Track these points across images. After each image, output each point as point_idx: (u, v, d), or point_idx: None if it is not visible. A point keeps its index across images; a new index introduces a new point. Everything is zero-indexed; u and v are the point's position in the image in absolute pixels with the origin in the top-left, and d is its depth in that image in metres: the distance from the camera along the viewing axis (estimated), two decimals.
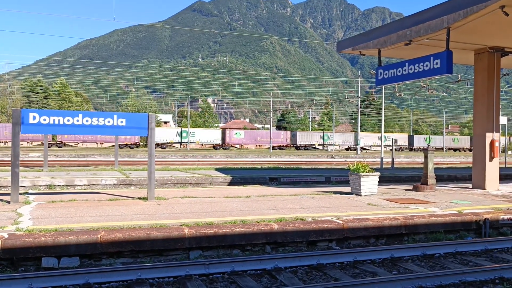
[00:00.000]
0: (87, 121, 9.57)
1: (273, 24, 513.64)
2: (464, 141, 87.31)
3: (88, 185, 14.94)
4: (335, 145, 75.23)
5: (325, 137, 76.31)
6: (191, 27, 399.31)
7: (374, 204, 10.36)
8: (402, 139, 79.44)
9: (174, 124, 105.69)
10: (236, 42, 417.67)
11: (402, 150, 74.67)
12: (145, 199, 10.35)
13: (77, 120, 9.50)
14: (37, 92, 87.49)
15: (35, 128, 9.36)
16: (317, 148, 75.11)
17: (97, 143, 65.98)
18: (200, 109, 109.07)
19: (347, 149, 76.75)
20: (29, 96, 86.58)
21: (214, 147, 70.95)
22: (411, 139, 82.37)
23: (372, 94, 75.61)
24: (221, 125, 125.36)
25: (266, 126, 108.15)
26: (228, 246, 7.18)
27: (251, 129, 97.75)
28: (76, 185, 14.82)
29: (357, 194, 11.91)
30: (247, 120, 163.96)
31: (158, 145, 64.77)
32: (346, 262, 6.58)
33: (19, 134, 9.14)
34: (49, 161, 22.10)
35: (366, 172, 11.87)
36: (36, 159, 29.94)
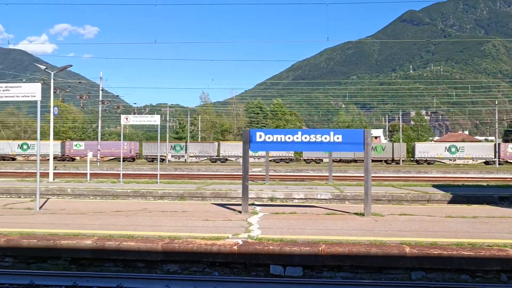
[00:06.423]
0: (305, 138, 10.13)
1: (496, 25, 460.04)
2: None
3: (305, 198, 15.71)
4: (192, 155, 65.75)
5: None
6: (401, 39, 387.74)
7: None
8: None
9: (385, 139, 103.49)
10: (451, 49, 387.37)
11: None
12: (362, 214, 10.32)
13: (297, 138, 10.13)
14: (257, 113, 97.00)
15: (261, 145, 10.32)
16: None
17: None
18: (412, 122, 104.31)
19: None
20: (251, 117, 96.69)
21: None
22: None
23: None
24: (436, 138, 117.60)
25: (491, 138, 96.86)
26: (455, 270, 6.60)
27: (471, 141, 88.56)
28: (294, 198, 15.75)
29: None
30: (466, 132, 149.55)
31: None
32: None
33: (248, 151, 10.21)
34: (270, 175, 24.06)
35: None
36: (256, 173, 32.95)
